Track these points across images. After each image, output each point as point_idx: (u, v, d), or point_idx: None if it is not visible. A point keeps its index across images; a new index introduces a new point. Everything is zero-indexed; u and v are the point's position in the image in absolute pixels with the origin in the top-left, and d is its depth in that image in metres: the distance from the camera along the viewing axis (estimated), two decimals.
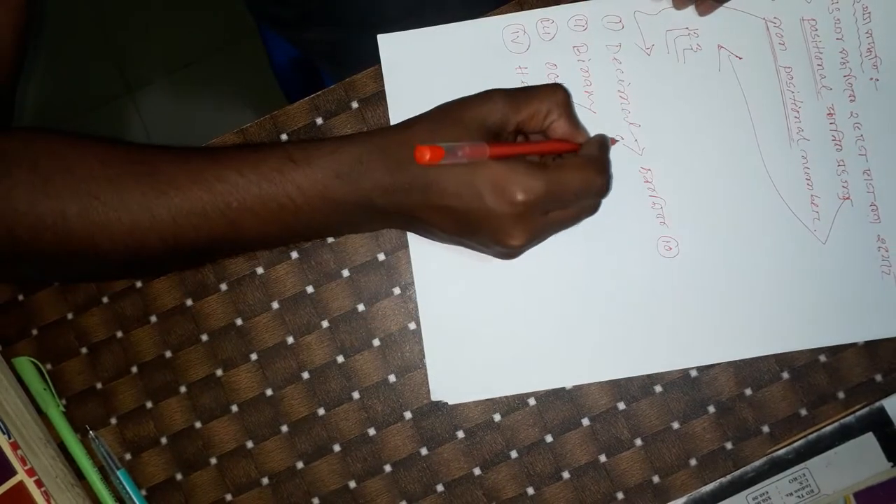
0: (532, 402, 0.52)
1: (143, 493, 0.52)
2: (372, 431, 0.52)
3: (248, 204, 0.44)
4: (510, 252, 0.46)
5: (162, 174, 0.44)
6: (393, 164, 0.44)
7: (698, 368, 0.52)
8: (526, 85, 0.52)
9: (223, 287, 0.53)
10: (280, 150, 0.45)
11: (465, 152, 0.41)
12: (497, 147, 0.43)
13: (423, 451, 0.52)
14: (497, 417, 0.52)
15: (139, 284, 0.53)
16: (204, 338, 0.53)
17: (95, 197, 0.43)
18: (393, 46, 0.53)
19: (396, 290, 0.53)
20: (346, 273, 0.53)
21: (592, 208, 0.48)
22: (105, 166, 0.44)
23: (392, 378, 0.52)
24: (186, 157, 0.45)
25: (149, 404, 0.53)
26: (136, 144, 0.46)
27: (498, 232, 0.44)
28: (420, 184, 0.44)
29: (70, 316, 0.53)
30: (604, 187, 0.46)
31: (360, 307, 0.53)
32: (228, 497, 0.52)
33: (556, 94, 0.46)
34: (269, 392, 0.53)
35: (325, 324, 0.53)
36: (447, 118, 0.45)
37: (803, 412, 0.51)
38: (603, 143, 0.47)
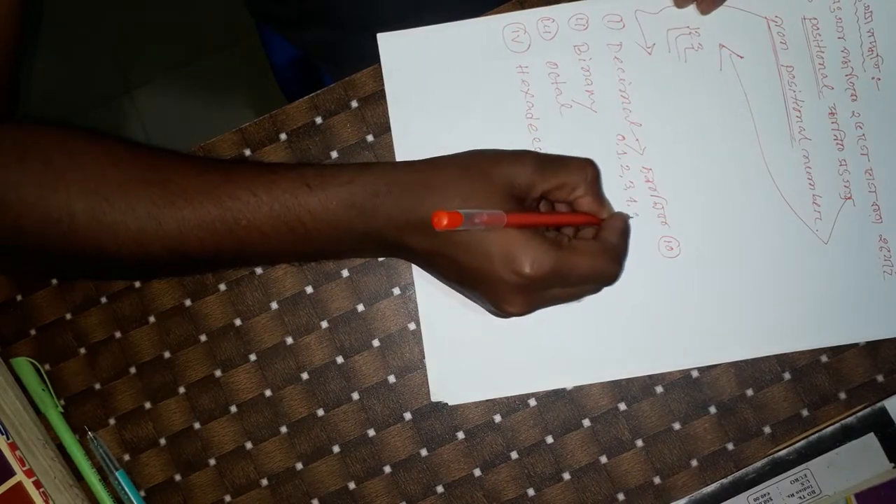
0: (532, 402, 0.52)
1: (142, 493, 0.52)
2: (371, 432, 0.52)
3: (257, 223, 0.44)
4: (503, 315, 0.46)
5: (174, 184, 0.44)
6: (409, 203, 0.44)
7: (699, 369, 0.51)
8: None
9: (222, 287, 0.53)
10: (296, 174, 0.45)
11: (482, 220, 0.41)
12: (515, 216, 0.42)
13: (423, 452, 0.52)
14: (497, 418, 0.52)
15: (138, 285, 0.53)
16: (203, 338, 0.53)
17: (104, 198, 0.43)
18: (393, 45, 0.53)
19: (396, 291, 0.53)
20: (345, 273, 0.53)
21: (596, 289, 0.48)
22: (118, 169, 0.44)
23: (392, 379, 0.52)
24: (201, 170, 0.45)
25: (147, 405, 0.53)
26: (153, 149, 0.46)
27: (496, 296, 0.44)
28: (432, 229, 0.43)
29: (68, 316, 0.53)
30: (613, 277, 0.45)
31: (360, 307, 0.53)
32: (227, 498, 0.52)
33: (586, 170, 0.46)
34: (268, 393, 0.52)
35: (324, 324, 0.53)
36: (475, 169, 0.45)
37: (805, 413, 0.51)
38: (624, 231, 0.47)
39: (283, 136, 0.54)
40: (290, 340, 0.53)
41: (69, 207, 0.43)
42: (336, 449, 0.52)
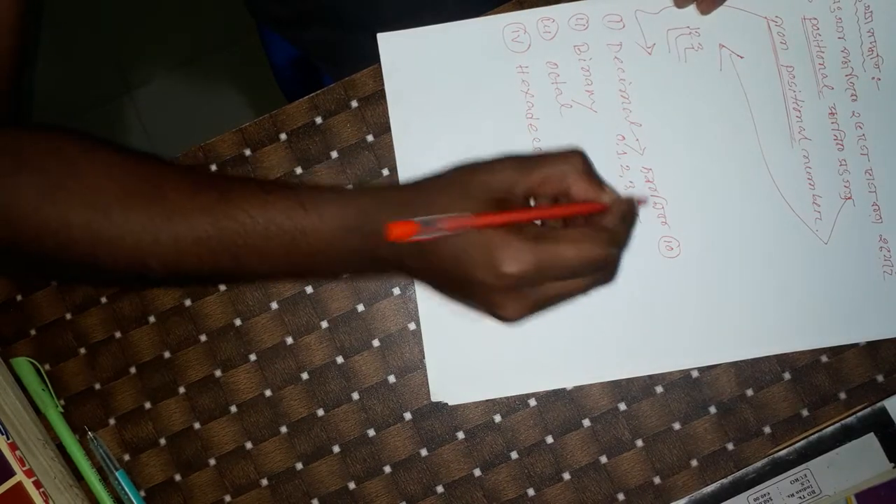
0: (533, 402, 0.52)
1: (142, 493, 0.52)
2: (371, 432, 0.52)
3: (253, 243, 0.44)
4: (506, 322, 0.44)
5: (170, 201, 0.44)
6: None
7: (699, 369, 0.51)
8: (526, 84, 0.52)
9: (222, 287, 0.53)
10: (292, 194, 0.44)
11: (444, 224, 0.40)
12: (484, 215, 0.41)
13: (423, 452, 0.52)
14: (497, 418, 0.52)
15: None
16: (203, 338, 0.53)
17: (101, 211, 0.43)
18: (393, 45, 0.53)
19: (396, 291, 0.53)
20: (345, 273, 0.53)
21: (604, 279, 0.44)
22: (114, 181, 0.44)
23: (392, 379, 0.52)
24: (197, 188, 0.45)
25: (147, 405, 0.53)
26: (148, 159, 0.46)
27: (489, 303, 0.43)
28: (417, 247, 0.42)
29: (68, 316, 0.53)
30: (604, 261, 0.42)
31: (360, 307, 0.53)
32: (227, 498, 0.52)
33: (570, 159, 0.43)
34: (268, 393, 0.52)
35: (324, 324, 0.53)
36: (454, 184, 0.44)
37: (805, 413, 0.51)
38: (627, 214, 0.44)
39: (283, 136, 0.54)
40: (290, 340, 0.53)
41: (66, 219, 0.43)
42: (336, 449, 0.52)
